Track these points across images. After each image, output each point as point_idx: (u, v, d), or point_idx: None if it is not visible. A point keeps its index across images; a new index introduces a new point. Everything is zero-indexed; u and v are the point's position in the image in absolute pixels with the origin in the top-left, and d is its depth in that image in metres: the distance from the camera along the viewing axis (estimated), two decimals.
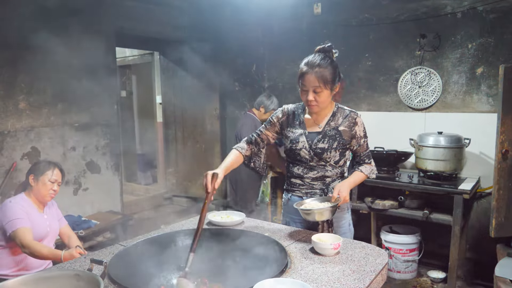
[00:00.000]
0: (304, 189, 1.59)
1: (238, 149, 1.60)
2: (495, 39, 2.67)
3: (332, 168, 1.55)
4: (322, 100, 1.47)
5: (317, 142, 1.53)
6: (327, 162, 1.54)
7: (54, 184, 1.85)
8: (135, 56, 4.87)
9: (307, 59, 1.49)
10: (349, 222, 1.62)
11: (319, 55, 1.49)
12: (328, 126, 1.54)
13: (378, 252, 1.32)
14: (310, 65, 1.46)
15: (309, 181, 1.57)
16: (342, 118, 1.55)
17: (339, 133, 1.53)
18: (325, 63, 1.46)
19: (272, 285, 1.01)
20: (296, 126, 1.58)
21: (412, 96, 3.01)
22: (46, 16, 2.66)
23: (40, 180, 1.83)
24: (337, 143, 1.52)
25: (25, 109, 2.69)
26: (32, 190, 1.84)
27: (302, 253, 1.31)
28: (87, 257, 1.29)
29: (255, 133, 1.65)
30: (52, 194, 1.86)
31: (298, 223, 1.62)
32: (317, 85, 1.44)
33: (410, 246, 2.74)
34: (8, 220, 1.71)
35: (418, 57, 2.96)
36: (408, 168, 3.03)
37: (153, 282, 1.20)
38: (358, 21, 3.22)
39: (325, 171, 1.55)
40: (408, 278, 2.77)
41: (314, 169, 1.56)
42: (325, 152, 1.52)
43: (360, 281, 1.11)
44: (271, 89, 3.82)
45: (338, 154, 1.54)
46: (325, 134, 1.53)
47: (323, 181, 1.56)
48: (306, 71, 1.45)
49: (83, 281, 0.94)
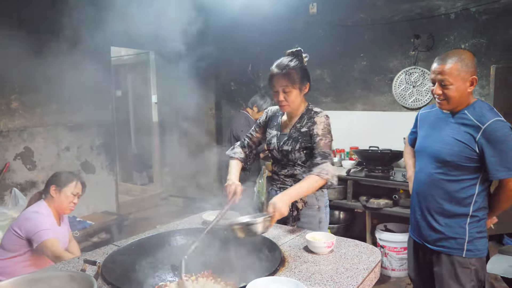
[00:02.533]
0: (278, 184, 1.65)
1: (237, 157, 1.67)
2: (487, 40, 2.70)
3: (301, 167, 1.59)
4: (292, 99, 1.52)
5: (282, 144, 1.59)
6: (294, 162, 1.59)
7: (75, 197, 1.82)
8: (131, 55, 4.84)
9: (276, 62, 1.55)
10: (319, 219, 1.61)
11: (288, 57, 1.55)
12: (294, 128, 1.59)
13: (371, 250, 1.33)
14: (279, 67, 1.52)
15: (283, 178, 1.64)
16: (307, 119, 1.58)
17: (301, 135, 1.56)
18: (292, 64, 1.51)
19: (266, 284, 1.01)
20: (273, 127, 1.66)
21: (406, 95, 3.04)
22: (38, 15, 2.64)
23: (63, 192, 1.78)
24: (299, 145, 1.55)
25: (17, 109, 2.67)
26: (53, 201, 1.78)
27: (296, 251, 1.32)
28: (80, 257, 1.29)
29: (247, 137, 1.74)
30: (72, 207, 1.82)
31: None
32: (285, 84, 1.50)
33: (404, 244, 2.76)
34: (36, 231, 1.64)
35: (412, 57, 2.98)
36: (403, 167, 3.05)
37: (147, 282, 1.20)
38: (354, 21, 3.24)
39: (294, 170, 1.60)
40: (403, 276, 2.79)
41: (285, 167, 1.63)
42: (290, 154, 1.57)
43: (353, 279, 1.12)
44: (266, 89, 3.83)
45: (304, 155, 1.56)
46: (290, 136, 1.58)
47: (293, 178, 1.61)
48: (276, 72, 1.52)
49: (76, 281, 0.94)
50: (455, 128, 1.41)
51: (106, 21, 3.13)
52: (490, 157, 1.33)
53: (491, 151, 1.33)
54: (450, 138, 1.41)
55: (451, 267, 1.44)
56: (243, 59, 3.93)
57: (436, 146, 1.45)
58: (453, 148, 1.39)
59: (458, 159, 1.39)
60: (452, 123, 1.43)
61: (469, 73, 1.37)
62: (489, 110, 1.38)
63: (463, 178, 1.40)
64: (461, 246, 1.42)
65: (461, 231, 1.42)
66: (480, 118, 1.35)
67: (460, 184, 1.41)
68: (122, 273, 1.13)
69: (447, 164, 1.41)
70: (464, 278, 1.42)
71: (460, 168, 1.40)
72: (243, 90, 4.00)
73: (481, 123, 1.34)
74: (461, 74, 1.36)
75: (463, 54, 1.38)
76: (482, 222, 1.44)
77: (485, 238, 1.45)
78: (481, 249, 1.43)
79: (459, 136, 1.39)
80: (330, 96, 3.37)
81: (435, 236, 1.47)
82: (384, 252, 2.76)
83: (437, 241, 1.47)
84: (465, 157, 1.37)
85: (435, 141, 1.46)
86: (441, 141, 1.43)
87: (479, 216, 1.43)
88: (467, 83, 1.37)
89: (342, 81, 3.31)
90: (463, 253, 1.42)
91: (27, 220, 1.69)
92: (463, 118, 1.40)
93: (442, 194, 1.44)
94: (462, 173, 1.40)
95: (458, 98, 1.39)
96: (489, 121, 1.33)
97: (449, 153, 1.40)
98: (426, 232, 1.50)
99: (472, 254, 1.42)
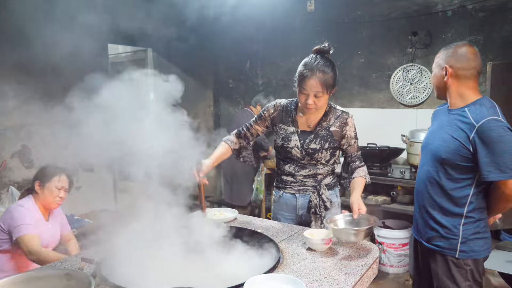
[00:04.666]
0: (296, 186, 1.59)
1: (228, 142, 1.60)
2: (483, 37, 2.70)
3: (323, 166, 1.56)
4: (322, 104, 1.46)
5: (309, 142, 1.52)
6: (318, 161, 1.54)
7: (60, 191, 1.79)
8: (128, 52, 4.82)
9: (308, 61, 1.44)
10: None
11: (321, 58, 1.44)
12: (320, 126, 1.53)
13: (369, 246, 1.34)
14: (312, 69, 1.40)
15: (301, 179, 1.57)
16: (334, 118, 1.54)
17: (330, 134, 1.52)
18: (328, 68, 1.42)
19: (264, 281, 1.02)
20: (288, 123, 1.56)
21: (404, 92, 3.04)
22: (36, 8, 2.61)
23: (46, 187, 1.76)
24: (328, 144, 1.52)
25: (14, 107, 2.65)
26: (38, 197, 1.78)
27: (294, 248, 1.32)
28: (78, 255, 1.29)
29: (245, 127, 1.64)
30: (58, 202, 1.80)
31: (289, 220, 1.63)
32: (320, 90, 1.41)
33: (402, 241, 2.78)
34: (16, 225, 1.65)
35: (410, 54, 2.98)
36: (400, 164, 3.06)
37: (145, 280, 1.20)
38: (351, 18, 3.23)
39: (316, 169, 1.56)
40: (401, 272, 2.81)
41: (305, 167, 1.55)
42: (317, 153, 1.52)
43: (351, 276, 1.12)
44: (264, 86, 3.83)
45: (329, 154, 1.54)
46: (317, 134, 1.52)
47: (315, 178, 1.57)
48: (308, 75, 1.40)
49: (74, 280, 0.94)
50: (453, 125, 1.36)
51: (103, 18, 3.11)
52: (483, 157, 1.28)
53: (483, 151, 1.27)
54: (447, 136, 1.37)
55: (446, 266, 1.41)
56: (241, 56, 3.91)
57: (435, 143, 1.42)
58: (449, 146, 1.35)
59: (453, 157, 1.35)
60: (452, 120, 1.39)
61: (444, 61, 1.38)
62: (488, 108, 1.32)
63: (459, 178, 1.36)
64: (454, 246, 1.39)
65: (455, 231, 1.38)
66: (476, 116, 1.30)
67: (456, 183, 1.37)
68: (120, 271, 1.13)
69: (444, 162, 1.37)
70: (459, 277, 1.39)
71: (456, 167, 1.36)
72: (241, 87, 4.00)
73: (476, 121, 1.29)
74: (439, 62, 1.41)
75: (457, 45, 1.39)
76: (479, 223, 1.39)
77: (483, 239, 1.39)
78: (477, 250, 1.38)
79: (456, 134, 1.34)
80: None
81: (430, 234, 1.46)
82: (382, 248, 2.77)
83: (432, 239, 1.45)
84: (461, 156, 1.33)
85: (436, 138, 1.43)
86: (440, 138, 1.40)
87: (475, 217, 1.38)
88: (442, 71, 1.39)
89: (340, 78, 3.31)
90: (456, 254, 1.39)
91: (10, 213, 1.71)
92: (461, 116, 1.35)
93: (438, 192, 1.42)
94: (458, 172, 1.36)
95: (436, 85, 1.45)
96: (483, 120, 1.28)
97: (445, 150, 1.36)
98: (423, 230, 1.49)
99: (466, 255, 1.38)
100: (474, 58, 1.36)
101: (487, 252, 1.41)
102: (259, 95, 3.37)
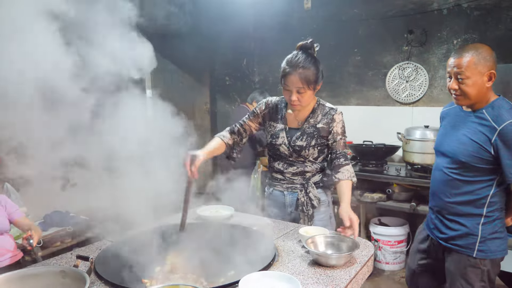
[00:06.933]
0: (285, 184, 1.59)
1: (221, 137, 1.59)
2: (478, 35, 2.72)
3: (312, 164, 1.56)
4: (305, 100, 1.45)
5: (295, 140, 1.52)
6: (306, 159, 1.54)
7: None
8: None
9: (290, 57, 1.45)
10: (329, 215, 1.63)
11: (302, 54, 1.44)
12: (307, 123, 1.52)
13: (364, 244, 1.35)
14: (293, 65, 1.41)
15: (290, 176, 1.57)
16: (321, 115, 1.53)
17: (317, 131, 1.51)
18: (309, 63, 1.41)
19: (259, 278, 1.02)
20: (277, 120, 1.57)
21: (399, 90, 3.06)
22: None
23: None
24: (315, 141, 1.51)
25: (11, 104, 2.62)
26: None
27: (290, 246, 1.33)
28: (73, 253, 1.28)
29: (238, 123, 1.63)
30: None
31: (278, 217, 1.63)
32: (301, 86, 1.41)
33: (398, 238, 2.80)
34: None
35: (406, 52, 2.99)
36: (396, 162, 3.08)
37: (140, 277, 1.20)
38: (348, 16, 3.23)
39: (304, 167, 1.55)
40: (397, 269, 2.84)
41: (293, 165, 1.55)
42: (303, 150, 1.51)
43: (346, 273, 1.13)
44: (261, 83, 3.82)
45: (317, 151, 1.53)
46: (304, 131, 1.52)
47: (303, 176, 1.57)
48: (289, 71, 1.41)
49: (69, 277, 0.94)
50: (472, 128, 1.35)
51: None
52: (506, 159, 1.28)
53: (506, 154, 1.27)
54: (466, 138, 1.35)
55: (461, 266, 1.40)
56: (238, 54, 3.90)
57: (452, 145, 1.40)
58: (467, 149, 1.34)
59: (472, 160, 1.34)
60: (469, 122, 1.37)
61: (486, 67, 1.30)
62: (507, 110, 1.31)
63: (478, 180, 1.35)
64: (473, 246, 1.38)
65: (474, 230, 1.37)
66: (496, 118, 1.29)
67: (475, 185, 1.36)
68: (116, 268, 1.13)
69: (462, 165, 1.36)
70: (474, 277, 1.38)
71: (475, 169, 1.35)
72: (238, 85, 3.99)
73: (497, 124, 1.29)
74: (478, 68, 1.30)
75: (481, 48, 1.32)
76: (497, 222, 1.38)
77: (500, 239, 1.39)
78: (494, 250, 1.38)
79: (475, 137, 1.33)
80: (324, 91, 3.37)
81: (447, 233, 1.44)
82: (378, 245, 2.79)
83: (449, 239, 1.44)
84: (480, 159, 1.32)
85: (452, 140, 1.41)
86: (457, 141, 1.39)
87: (494, 216, 1.37)
88: (484, 77, 1.31)
89: (336, 76, 3.32)
90: (473, 253, 1.38)
91: None
92: (480, 118, 1.33)
93: (456, 194, 1.40)
94: (477, 174, 1.35)
95: (476, 93, 1.33)
96: (505, 123, 1.27)
97: (464, 153, 1.35)
98: (440, 229, 1.47)
99: (484, 255, 1.37)
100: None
101: (504, 253, 1.41)
102: (255, 92, 3.36)
